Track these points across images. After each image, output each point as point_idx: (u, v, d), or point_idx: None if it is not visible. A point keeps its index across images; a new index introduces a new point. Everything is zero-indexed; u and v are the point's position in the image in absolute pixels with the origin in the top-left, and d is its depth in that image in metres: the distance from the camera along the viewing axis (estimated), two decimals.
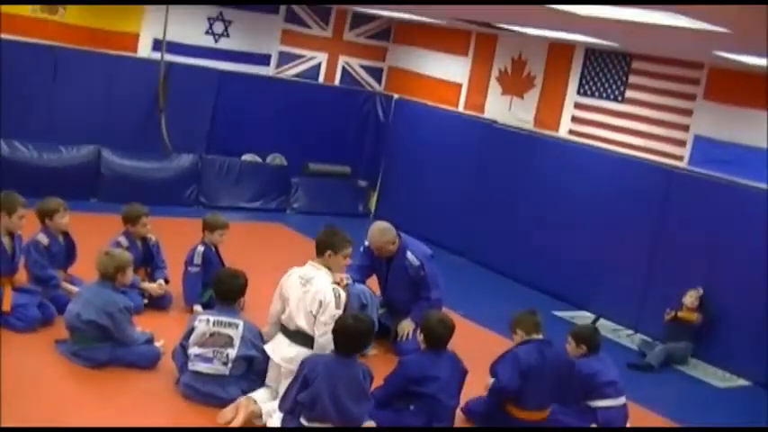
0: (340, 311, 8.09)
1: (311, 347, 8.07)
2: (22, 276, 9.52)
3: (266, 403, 8.02)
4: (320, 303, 8.07)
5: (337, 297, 8.16)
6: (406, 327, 10.20)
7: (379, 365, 8.40)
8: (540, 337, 8.55)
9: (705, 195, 12.30)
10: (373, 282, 10.75)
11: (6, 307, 8.95)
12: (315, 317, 8.09)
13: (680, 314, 11.92)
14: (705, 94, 12.68)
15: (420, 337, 8.29)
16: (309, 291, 8.19)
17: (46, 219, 9.73)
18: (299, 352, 8.06)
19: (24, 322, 8.95)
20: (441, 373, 8.03)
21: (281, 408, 7.66)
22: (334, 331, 7.57)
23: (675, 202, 12.65)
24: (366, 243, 10.48)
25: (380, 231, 10.29)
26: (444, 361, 8.15)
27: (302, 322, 8.15)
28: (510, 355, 8.43)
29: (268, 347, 8.35)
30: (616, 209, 13.28)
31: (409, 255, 10.20)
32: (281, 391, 7.88)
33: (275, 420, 7.74)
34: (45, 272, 9.58)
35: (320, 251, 8.48)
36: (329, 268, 8.41)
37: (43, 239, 9.64)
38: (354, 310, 9.13)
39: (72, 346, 8.52)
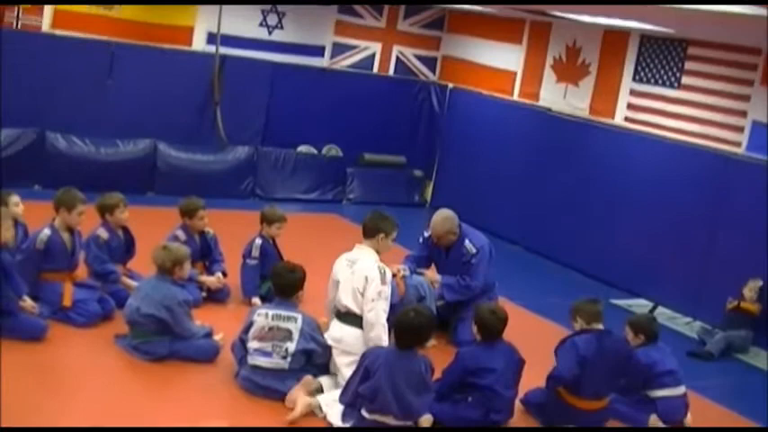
0: (386, 288, 8.32)
1: (359, 326, 8.24)
2: (82, 272, 9.61)
3: (327, 393, 8.09)
4: (366, 279, 8.29)
5: (382, 273, 8.39)
6: (433, 278, 10.33)
7: (438, 357, 8.40)
8: (600, 326, 8.50)
9: (762, 181, 12.14)
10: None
11: (67, 302, 9.06)
12: (362, 294, 8.29)
13: (742, 304, 11.82)
14: (762, 79, 12.52)
15: (474, 329, 8.28)
16: (355, 271, 8.42)
17: (106, 214, 9.81)
18: (348, 331, 8.31)
19: (85, 317, 9.04)
20: (496, 364, 8.04)
21: (341, 400, 7.70)
22: (395, 325, 7.59)
23: (733, 189, 12.51)
24: (426, 234, 10.50)
25: (443, 219, 10.30)
26: (500, 352, 8.15)
27: (350, 302, 8.38)
28: (569, 343, 8.40)
29: (326, 334, 8.45)
30: (673, 196, 13.17)
31: (467, 243, 10.22)
32: (341, 381, 7.95)
33: (335, 412, 7.78)
34: (105, 267, 9.67)
35: (370, 234, 8.72)
36: (377, 251, 8.61)
37: (103, 234, 9.73)
38: (412, 301, 9.18)
39: (132, 340, 8.60)
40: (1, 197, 9.21)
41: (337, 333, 8.42)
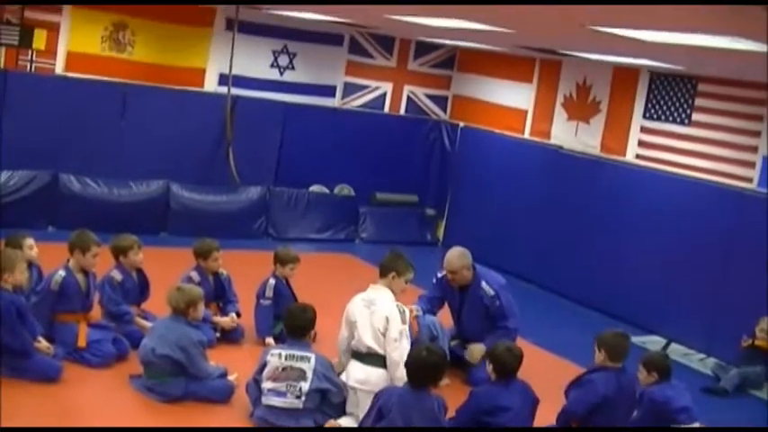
0: (405, 327, 8.39)
1: (382, 366, 8.30)
2: (96, 313, 9.66)
3: None
4: (386, 319, 8.36)
5: (402, 312, 8.50)
6: (477, 351, 10.17)
7: (451, 396, 8.37)
8: (620, 365, 8.49)
9: None
10: (444, 313, 10.74)
11: (82, 343, 9.10)
12: (383, 334, 8.36)
13: (757, 342, 11.80)
14: None
15: (489, 368, 8.28)
16: (375, 311, 8.49)
17: (120, 256, 9.88)
18: (371, 372, 8.35)
19: (100, 358, 9.09)
20: (512, 403, 8.00)
21: None
22: (408, 364, 7.60)
23: (745, 224, 12.50)
24: (439, 274, 10.51)
25: (459, 255, 10.29)
26: (515, 391, 8.11)
27: (371, 342, 8.42)
28: (588, 384, 8.38)
29: (343, 375, 8.46)
30: (685, 232, 13.18)
31: (484, 284, 10.18)
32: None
33: None
34: (119, 308, 9.72)
35: (384, 273, 8.81)
36: (392, 291, 8.66)
37: (117, 276, 9.78)
38: (424, 341, 9.17)
39: (147, 380, 8.63)
40: (16, 240, 9.29)
41: (361, 375, 8.42)
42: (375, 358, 8.40)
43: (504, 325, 10.14)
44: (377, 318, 8.42)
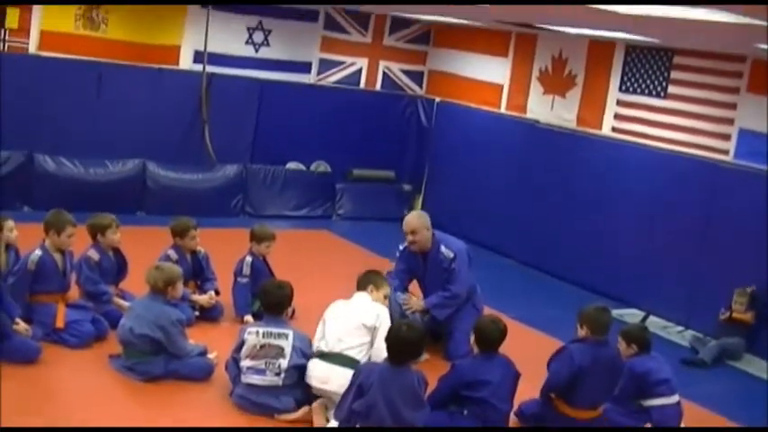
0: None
1: (347, 366, 8.05)
2: (74, 293, 9.61)
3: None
4: (377, 316, 8.30)
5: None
6: (415, 303, 10.28)
7: (431, 370, 8.39)
8: (601, 338, 8.51)
9: (752, 189, 12.19)
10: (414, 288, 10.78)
11: (60, 323, 9.04)
12: (369, 328, 8.27)
13: (734, 315, 11.85)
14: (749, 86, 12.56)
15: (472, 340, 8.28)
16: (360, 306, 8.45)
17: (98, 235, 9.81)
18: (333, 371, 8.13)
19: (78, 338, 9.04)
20: (493, 377, 8.00)
21: (336, 416, 7.68)
22: (387, 340, 7.57)
23: (722, 197, 12.56)
24: (401, 246, 10.52)
25: (417, 215, 10.43)
26: (496, 365, 8.12)
27: (342, 336, 8.25)
28: (565, 353, 8.42)
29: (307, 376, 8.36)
30: (662, 205, 13.22)
31: (443, 248, 10.19)
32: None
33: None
34: (97, 287, 9.67)
35: (362, 287, 8.74)
36: None
37: (94, 255, 9.72)
38: (395, 318, 9.13)
39: (126, 360, 8.60)
40: None
41: (322, 374, 8.18)
42: (339, 358, 8.18)
43: (449, 288, 10.16)
44: (364, 311, 8.35)
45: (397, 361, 7.48)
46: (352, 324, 8.28)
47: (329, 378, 8.11)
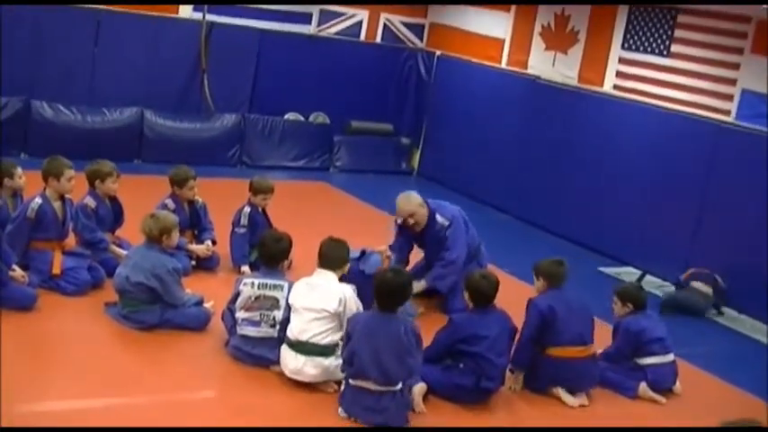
0: (360, 306, 8.04)
1: (318, 355, 7.83)
2: (71, 241, 9.59)
3: None
4: (340, 301, 7.85)
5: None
6: (415, 286, 9.55)
7: (427, 324, 8.38)
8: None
9: (753, 150, 12.14)
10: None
11: (57, 270, 9.05)
12: (336, 315, 7.86)
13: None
14: (753, 47, 12.46)
15: (465, 296, 8.27)
16: (322, 293, 7.96)
17: (96, 181, 9.78)
18: (304, 362, 7.86)
19: (75, 285, 9.04)
20: (489, 331, 8.01)
21: (341, 368, 7.64)
22: (375, 286, 7.53)
23: (723, 157, 12.51)
24: (398, 220, 10.39)
25: (405, 198, 10.22)
26: (492, 319, 8.13)
27: (306, 326, 7.87)
28: (530, 306, 8.50)
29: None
30: (662, 164, 13.19)
31: (438, 217, 10.14)
32: None
33: None
34: (94, 235, 9.64)
35: (327, 264, 8.21)
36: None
37: (91, 203, 9.69)
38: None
39: (122, 308, 8.59)
40: (7, 169, 9.24)
41: (293, 364, 7.88)
42: (308, 346, 7.85)
43: (443, 256, 10.10)
44: (327, 297, 7.90)
45: (384, 307, 7.47)
46: (313, 314, 7.88)
47: (301, 370, 7.84)
